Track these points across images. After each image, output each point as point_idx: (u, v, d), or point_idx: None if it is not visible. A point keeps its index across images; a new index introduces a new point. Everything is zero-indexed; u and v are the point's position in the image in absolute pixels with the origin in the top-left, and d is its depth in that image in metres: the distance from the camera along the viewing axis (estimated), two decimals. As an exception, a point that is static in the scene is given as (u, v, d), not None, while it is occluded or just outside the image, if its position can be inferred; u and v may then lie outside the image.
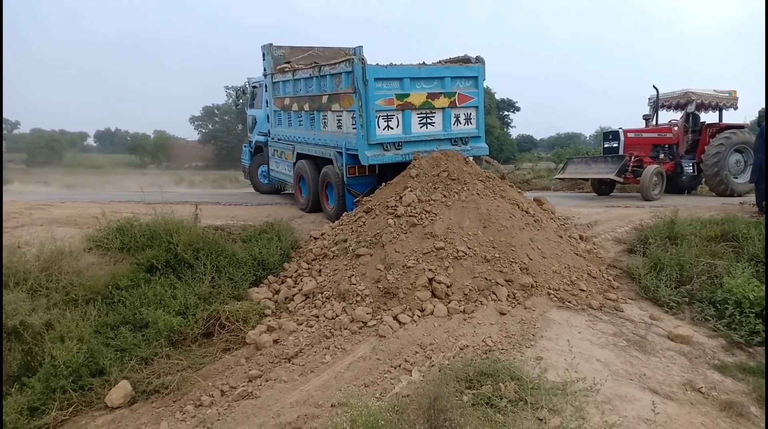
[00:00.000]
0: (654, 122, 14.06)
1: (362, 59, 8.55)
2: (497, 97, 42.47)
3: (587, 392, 4.54)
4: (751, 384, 5.35)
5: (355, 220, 7.91)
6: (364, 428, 3.39)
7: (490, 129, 35.64)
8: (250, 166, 14.58)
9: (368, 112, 8.64)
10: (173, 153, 49.16)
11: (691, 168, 13.47)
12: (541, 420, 3.98)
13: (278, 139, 12.38)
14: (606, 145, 13.76)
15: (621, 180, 12.87)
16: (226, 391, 5.15)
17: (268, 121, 12.74)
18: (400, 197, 7.58)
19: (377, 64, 8.70)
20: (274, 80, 11.96)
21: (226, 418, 4.72)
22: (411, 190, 7.61)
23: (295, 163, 11.31)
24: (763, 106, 9.97)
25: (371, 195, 9.00)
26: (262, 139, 13.55)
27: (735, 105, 13.60)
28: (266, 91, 12.57)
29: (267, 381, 5.24)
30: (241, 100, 14.95)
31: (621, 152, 13.01)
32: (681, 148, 13.66)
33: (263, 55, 12.05)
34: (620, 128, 13.44)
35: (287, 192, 14.09)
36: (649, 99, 14.24)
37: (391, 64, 8.87)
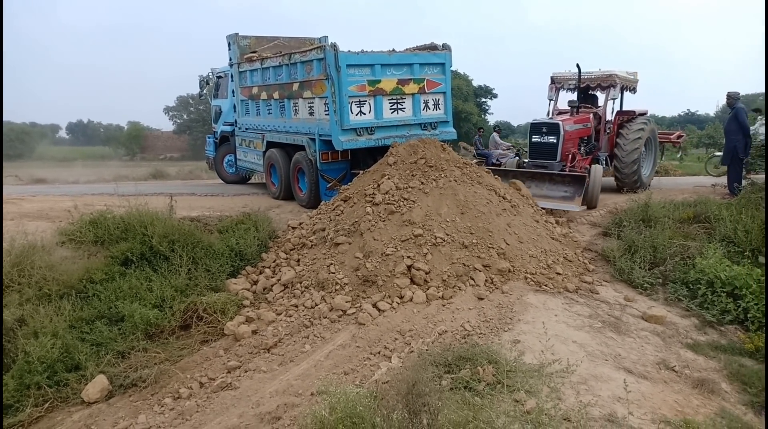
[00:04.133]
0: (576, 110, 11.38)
1: (334, 46, 8.56)
2: (474, 83, 42.46)
3: (563, 373, 4.61)
4: (723, 361, 5.48)
5: (333, 209, 7.89)
6: (343, 415, 3.40)
7: (468, 116, 35.69)
8: (215, 157, 14.45)
9: (341, 98, 8.71)
10: (147, 144, 48.39)
11: (605, 162, 11.36)
12: (517, 402, 4.04)
13: (246, 129, 12.33)
14: (537, 140, 10.59)
15: (584, 208, 9.62)
16: (204, 383, 5.12)
17: (235, 111, 12.65)
18: (378, 185, 7.57)
19: (349, 51, 8.74)
20: (241, 70, 11.87)
21: (205, 409, 4.69)
22: (389, 178, 7.60)
23: (265, 152, 11.32)
24: (731, 90, 10.08)
25: (346, 181, 9.21)
26: (228, 128, 13.46)
27: (636, 88, 12.13)
28: (232, 80, 12.46)
29: (246, 372, 5.22)
30: (204, 91, 14.72)
31: (560, 151, 10.26)
32: (602, 139, 11.46)
33: (229, 44, 11.97)
34: (558, 119, 10.59)
35: (255, 181, 14.13)
36: (552, 78, 11.97)
37: (362, 51, 8.91)
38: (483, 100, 44.61)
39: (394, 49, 9.41)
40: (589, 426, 3.92)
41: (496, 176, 8.93)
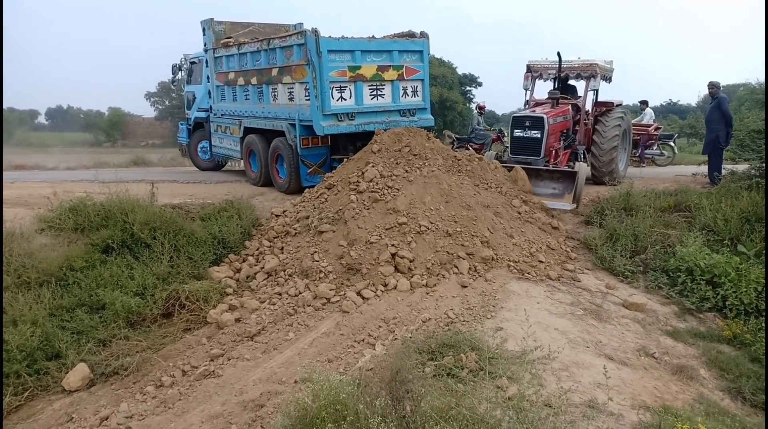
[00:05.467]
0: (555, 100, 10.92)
1: (315, 31, 8.55)
2: (459, 71, 42.35)
3: (545, 360, 4.66)
4: (701, 348, 5.58)
5: (317, 197, 7.86)
6: (326, 402, 3.40)
7: (453, 104, 35.67)
8: (188, 144, 14.25)
9: (323, 84, 8.74)
10: (129, 130, 47.60)
11: (583, 156, 11.00)
12: (499, 388, 4.08)
13: (222, 115, 12.21)
14: (519, 134, 9.99)
15: (575, 206, 9.14)
16: (187, 371, 5.09)
17: (210, 97, 12.50)
18: (363, 173, 7.54)
19: (329, 37, 8.72)
20: (216, 55, 11.73)
21: (188, 397, 4.67)
22: (373, 166, 7.57)
23: (243, 138, 11.26)
24: (713, 80, 10.19)
25: (326, 167, 9.46)
26: (202, 115, 13.30)
27: (611, 77, 11.69)
28: (207, 66, 12.29)
29: (229, 359, 5.20)
30: (177, 77, 14.50)
31: (544, 146, 9.73)
32: (580, 132, 11.03)
33: (203, 30, 11.83)
34: (542, 113, 10.02)
35: (230, 168, 14.05)
36: (528, 67, 11.54)
37: (342, 37, 8.90)
38: (468, 88, 44.56)
39: (373, 36, 9.43)
40: (570, 412, 3.97)
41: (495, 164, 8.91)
